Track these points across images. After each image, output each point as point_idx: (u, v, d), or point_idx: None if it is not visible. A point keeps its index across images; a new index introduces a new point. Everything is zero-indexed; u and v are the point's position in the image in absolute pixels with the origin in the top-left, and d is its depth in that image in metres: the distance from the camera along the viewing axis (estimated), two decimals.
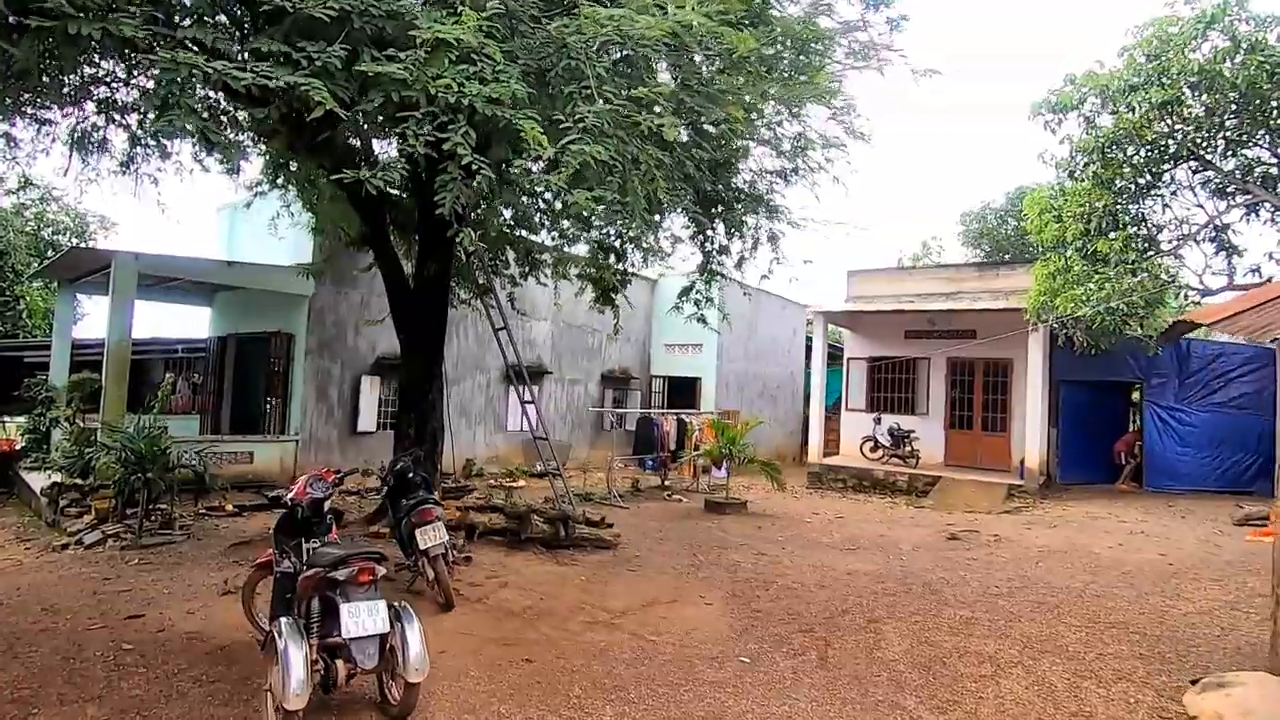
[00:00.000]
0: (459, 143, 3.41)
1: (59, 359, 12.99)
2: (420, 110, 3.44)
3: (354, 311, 12.80)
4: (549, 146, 3.43)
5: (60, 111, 8.93)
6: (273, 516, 10.60)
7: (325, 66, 3.36)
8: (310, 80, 3.24)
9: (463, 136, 3.43)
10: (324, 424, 12.45)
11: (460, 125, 3.45)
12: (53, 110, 8.88)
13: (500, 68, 3.61)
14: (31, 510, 10.66)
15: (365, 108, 3.50)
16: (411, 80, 3.34)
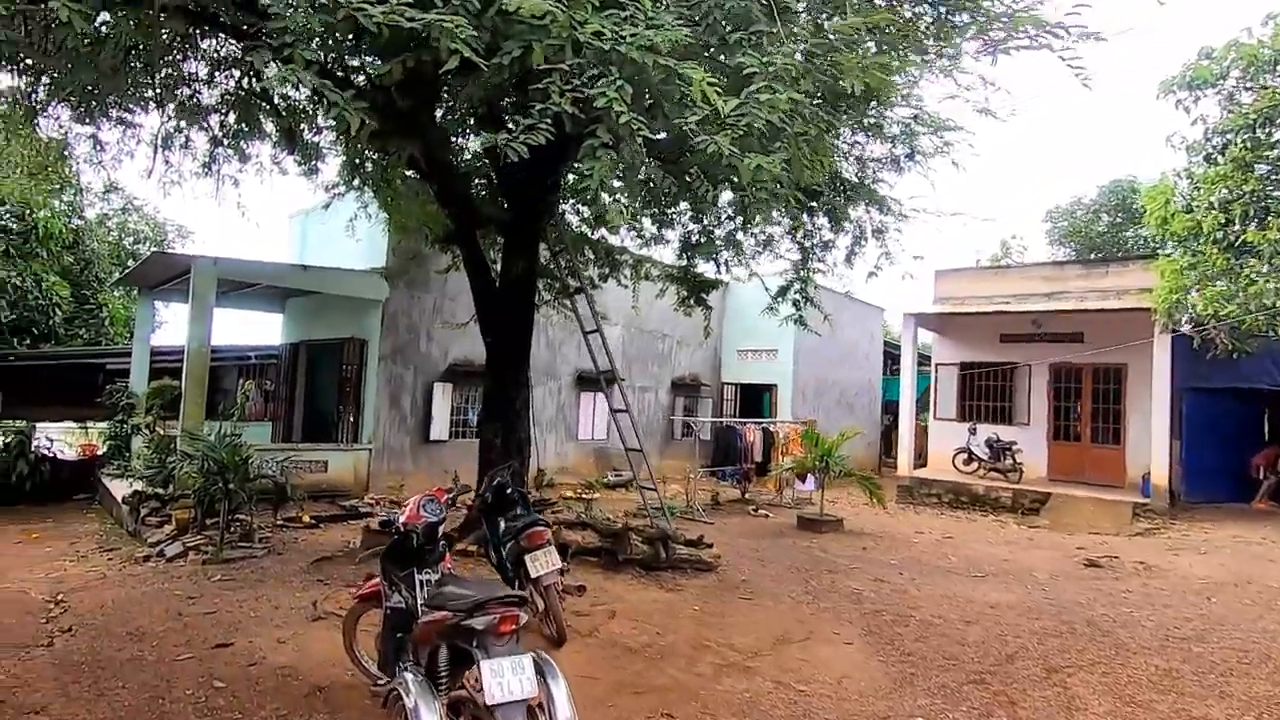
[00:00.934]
0: (614, 98, 2.81)
1: (139, 366, 13.05)
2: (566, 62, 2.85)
3: (426, 316, 12.47)
4: (723, 100, 2.79)
5: (145, 113, 8.85)
6: (347, 528, 10.30)
7: (464, 4, 2.80)
8: (452, 17, 2.68)
9: (617, 91, 2.82)
10: (396, 432, 12.12)
11: (613, 78, 2.85)
12: (137, 113, 8.80)
13: (653, 15, 3.00)
14: (113, 518, 10.60)
15: (502, 60, 2.92)
16: (557, 26, 2.76)
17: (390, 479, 11.93)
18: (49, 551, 8.67)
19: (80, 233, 14.63)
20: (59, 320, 13.36)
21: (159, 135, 8.46)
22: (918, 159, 7.97)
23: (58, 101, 8.07)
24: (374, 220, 10.42)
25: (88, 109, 8.28)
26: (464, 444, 13.05)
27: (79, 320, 14.70)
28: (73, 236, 14.06)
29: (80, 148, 8.55)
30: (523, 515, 5.58)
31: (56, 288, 12.71)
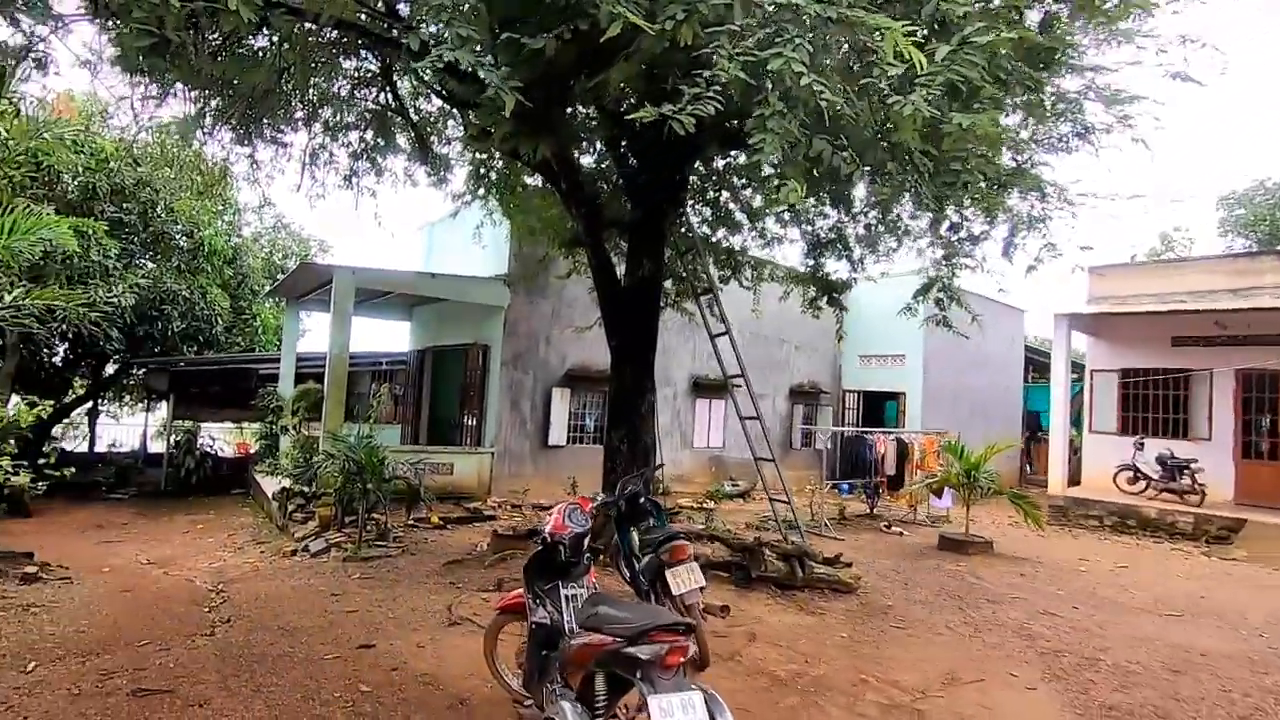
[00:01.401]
0: (791, 58, 2.45)
1: (286, 371, 14.02)
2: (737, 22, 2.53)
3: (545, 322, 12.57)
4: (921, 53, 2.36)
5: (294, 133, 9.45)
6: (473, 530, 10.49)
7: None
8: None
9: (795, 51, 2.46)
10: (516, 436, 12.27)
11: (790, 36, 2.49)
12: (287, 133, 9.40)
13: None
14: (264, 512, 11.37)
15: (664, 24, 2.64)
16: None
17: (511, 482, 12.09)
18: (211, 543, 9.36)
19: (238, 249, 15.99)
20: (220, 329, 14.62)
21: (307, 152, 8.96)
22: (1090, 136, 7.02)
23: (221, 124, 8.74)
24: (498, 224, 10.59)
25: (246, 131, 8.91)
26: (581, 449, 13.05)
27: (236, 329, 16.06)
28: (232, 252, 15.38)
29: (239, 167, 9.26)
30: (657, 526, 5.29)
31: (218, 299, 13.92)
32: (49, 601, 5.37)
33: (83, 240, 11.20)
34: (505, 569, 6.97)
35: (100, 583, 6.48)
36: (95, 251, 11.39)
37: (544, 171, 7.62)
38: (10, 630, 4.60)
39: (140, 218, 12.63)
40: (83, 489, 13.74)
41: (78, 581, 6.32)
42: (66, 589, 5.93)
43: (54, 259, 10.96)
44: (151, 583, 6.76)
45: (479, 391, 12.44)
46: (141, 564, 7.97)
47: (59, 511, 11.56)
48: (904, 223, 8.70)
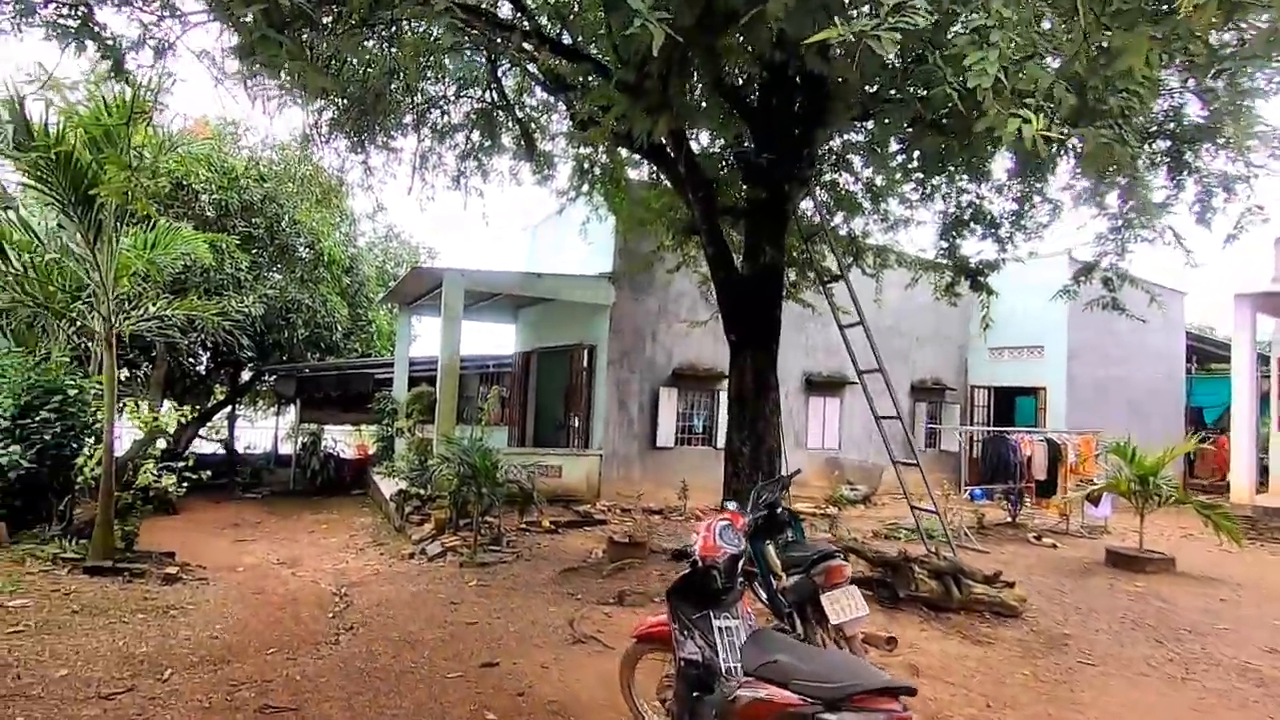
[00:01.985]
0: None
1: (400, 375, 14.39)
2: None
3: (651, 320, 12.18)
4: None
5: (403, 138, 9.55)
6: (584, 535, 10.22)
7: None
8: None
9: None
10: (624, 438, 11.94)
11: None
12: (397, 138, 9.51)
13: None
14: (382, 513, 11.63)
15: None
16: None
17: (619, 485, 11.77)
18: (334, 543, 9.59)
19: (354, 259, 16.67)
20: (339, 336, 15.27)
21: (416, 155, 8.99)
22: None
23: (337, 134, 8.91)
24: (604, 219, 10.28)
25: (359, 138, 9.05)
26: (689, 451, 12.56)
27: (354, 335, 16.75)
28: (349, 261, 16.03)
29: (353, 175, 9.46)
30: (796, 541, 4.71)
31: (338, 307, 14.51)
32: (186, 603, 5.45)
33: (217, 254, 11.88)
34: (624, 580, 6.57)
35: (233, 583, 6.62)
36: (228, 264, 12.05)
37: (655, 157, 7.19)
38: (151, 634, 4.64)
39: (267, 231, 13.31)
40: (222, 488, 14.69)
41: (213, 582, 6.47)
42: (203, 590, 6.06)
43: (193, 272, 11.68)
44: (280, 584, 6.85)
45: (585, 392, 12.22)
46: (272, 564, 8.19)
47: (201, 509, 12.30)
48: (1061, 192, 7.63)
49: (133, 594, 5.49)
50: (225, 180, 12.62)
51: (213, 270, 11.75)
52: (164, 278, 10.28)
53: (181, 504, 12.27)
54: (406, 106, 8.92)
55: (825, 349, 14.26)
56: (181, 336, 10.60)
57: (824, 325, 13.77)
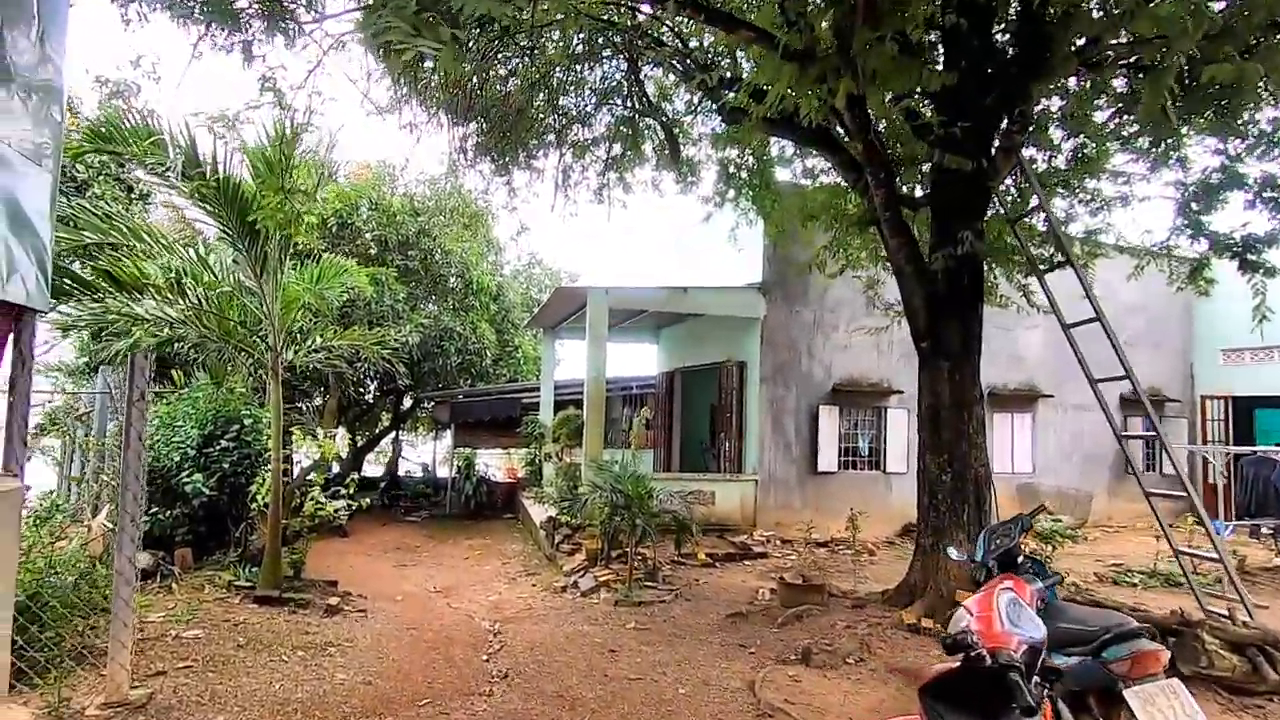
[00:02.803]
0: None
1: (546, 399, 14.36)
2: None
3: (806, 332, 11.15)
4: None
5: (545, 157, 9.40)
6: (744, 570, 9.32)
7: None
8: None
9: None
10: (781, 461, 10.94)
11: None
12: (539, 157, 9.37)
13: None
14: (533, 539, 11.44)
15: None
16: None
17: (777, 513, 10.78)
18: (487, 570, 9.41)
19: (501, 286, 17.07)
20: (489, 362, 15.60)
21: (558, 170, 8.76)
22: None
23: (482, 156, 8.90)
24: (753, 224, 9.50)
25: (503, 160, 8.99)
26: (855, 477, 11.31)
27: (502, 361, 17.10)
28: (496, 289, 16.41)
29: (497, 197, 9.45)
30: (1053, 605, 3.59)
31: (486, 333, 14.81)
32: (344, 640, 5.25)
33: (378, 287, 12.45)
34: (803, 630, 5.63)
35: (391, 615, 6.45)
36: (388, 296, 12.58)
37: (819, 142, 6.32)
38: (308, 677, 4.40)
39: (421, 264, 13.85)
40: (386, 510, 15.37)
41: (372, 614, 6.32)
42: (361, 624, 5.89)
43: (357, 306, 12.28)
44: (435, 617, 6.60)
45: (735, 412, 11.38)
46: (429, 592, 8.07)
47: (368, 532, 12.79)
48: None
49: (295, 627, 5.38)
50: (385, 218, 13.28)
51: (373, 302, 12.29)
52: (332, 311, 10.85)
53: (352, 525, 12.87)
54: (548, 124, 8.77)
55: (1009, 358, 12.45)
56: (348, 367, 11.07)
57: (1006, 330, 12.01)
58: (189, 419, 7.21)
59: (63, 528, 5.70)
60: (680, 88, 8.55)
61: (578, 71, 8.50)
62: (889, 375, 11.51)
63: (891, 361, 11.53)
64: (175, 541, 6.66)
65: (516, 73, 7.54)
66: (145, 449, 3.89)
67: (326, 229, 12.36)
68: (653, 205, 10.80)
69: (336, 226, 12.52)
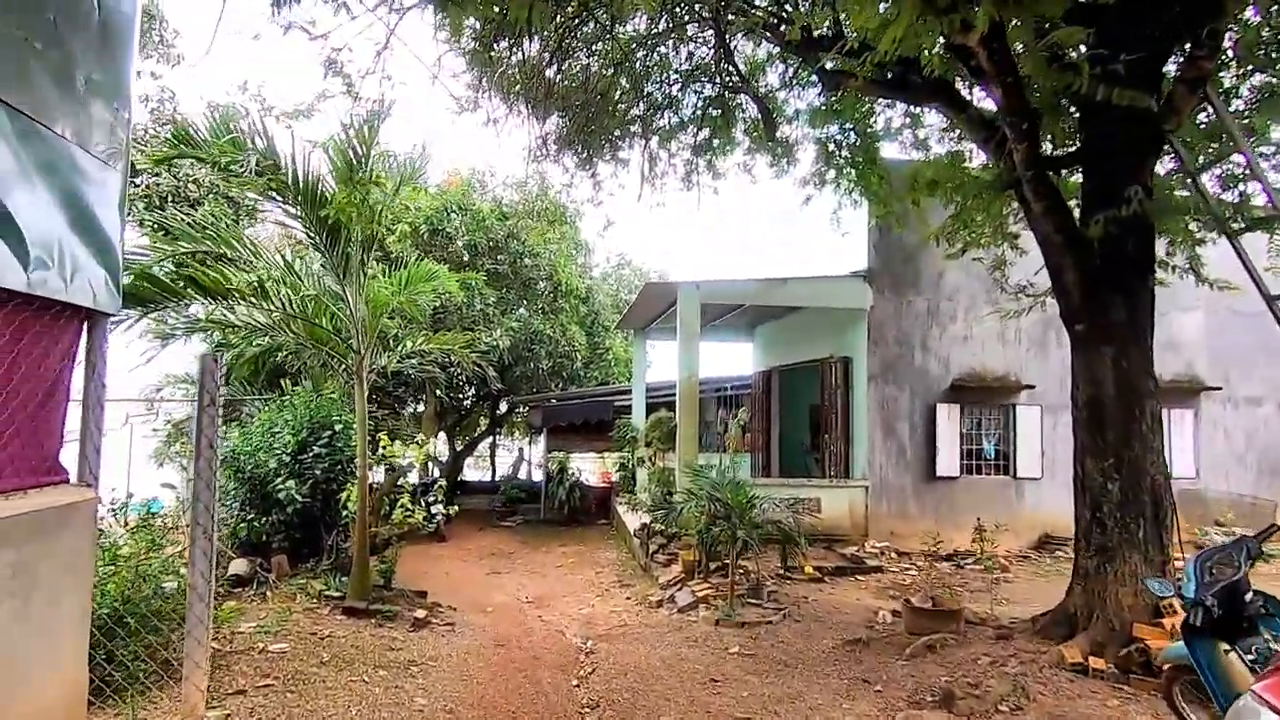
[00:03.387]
0: None
1: (638, 401, 13.94)
2: None
3: (919, 323, 10.12)
4: None
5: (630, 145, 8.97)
6: (857, 586, 8.43)
7: None
8: None
9: None
10: (894, 465, 9.96)
11: None
12: (623, 147, 8.95)
13: None
14: (626, 548, 11.01)
15: None
16: None
17: (891, 522, 9.81)
18: (579, 580, 9.05)
19: (590, 289, 16.85)
20: (579, 365, 15.38)
21: (644, 157, 8.29)
22: None
23: (565, 150, 8.57)
24: (858, 205, 8.66)
25: (587, 152, 8.63)
26: (979, 482, 10.15)
27: (593, 364, 16.86)
28: (585, 291, 16.19)
29: (581, 191, 9.12)
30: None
31: (576, 335, 14.58)
32: (428, 659, 4.96)
33: (468, 292, 12.45)
34: (939, 665, 4.82)
35: (479, 629, 6.15)
36: (478, 301, 12.56)
37: (940, 97, 5.50)
38: (385, 700, 4.10)
39: (510, 268, 13.79)
40: (483, 514, 15.44)
41: (459, 628, 6.04)
42: (448, 639, 5.61)
43: (449, 311, 12.33)
44: (524, 633, 6.25)
45: (841, 413, 10.50)
46: (520, 602, 7.78)
47: (465, 536, 12.80)
48: None
49: (380, 642, 5.15)
50: (474, 222, 13.31)
51: (464, 308, 12.29)
52: (424, 317, 10.89)
53: (450, 530, 12.93)
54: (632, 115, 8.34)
55: (1162, 345, 10.80)
56: (440, 372, 11.06)
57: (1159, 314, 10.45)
58: (286, 426, 7.24)
59: (164, 535, 5.76)
60: (773, 63, 7.88)
61: (661, 51, 8.03)
62: (1017, 368, 10.27)
63: (1020, 353, 10.28)
64: (272, 548, 6.66)
65: (596, 53, 7.13)
66: (217, 456, 3.69)
67: (418, 236, 12.50)
68: (744, 198, 10.20)
69: (428, 234, 12.64)
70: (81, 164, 3.19)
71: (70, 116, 3.02)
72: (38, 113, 2.78)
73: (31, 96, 2.73)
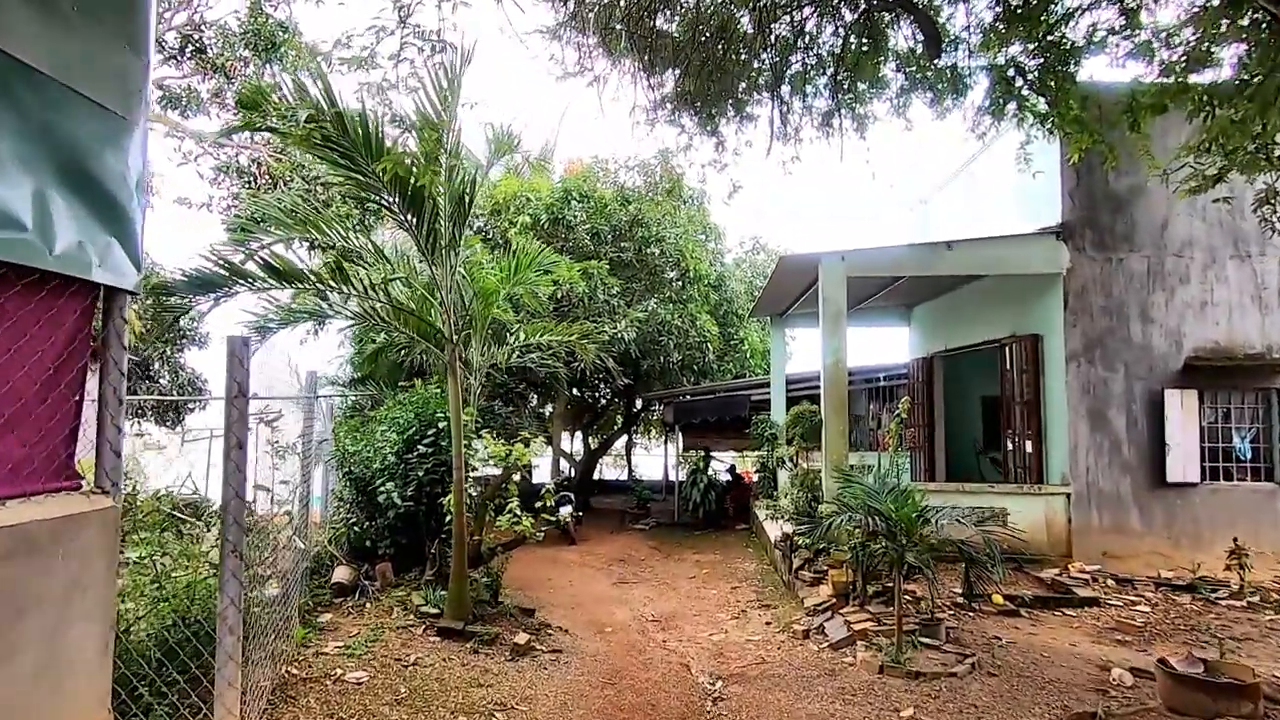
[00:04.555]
0: None
1: (777, 395, 12.61)
2: None
3: (1135, 287, 7.99)
4: None
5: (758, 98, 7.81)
6: (1067, 623, 6.54)
7: None
8: None
9: None
10: (1104, 468, 7.91)
11: None
12: (750, 101, 7.80)
13: None
14: (767, 558, 9.79)
15: None
16: None
17: (1104, 539, 7.79)
18: (714, 596, 7.98)
19: (722, 276, 15.69)
20: (712, 357, 14.27)
21: (774, 104, 7.06)
22: None
23: (682, 109, 7.56)
24: (1050, 139, 6.85)
25: (707, 110, 7.57)
26: (1229, 492, 7.83)
27: (727, 356, 15.68)
28: (717, 278, 15.07)
29: (703, 151, 8.04)
30: None
31: (708, 325, 13.49)
32: (521, 700, 4.14)
33: (590, 282, 11.78)
34: None
35: (590, 659, 5.28)
36: (600, 291, 11.86)
37: None
38: None
39: (636, 256, 13.00)
40: (617, 514, 14.80)
41: (568, 654, 5.21)
42: (550, 672, 4.78)
43: (570, 301, 11.74)
44: (643, 667, 5.29)
45: (1029, 403, 8.58)
46: (644, 621, 6.86)
47: (597, 539, 12.18)
48: None
49: (470, 674, 4.41)
50: (596, 209, 12.67)
51: (585, 298, 11.64)
52: (544, 307, 10.33)
53: (582, 532, 12.39)
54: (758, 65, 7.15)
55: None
56: (563, 367, 10.46)
57: None
58: (394, 424, 6.85)
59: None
60: None
61: None
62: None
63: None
64: (378, 555, 6.24)
65: None
66: (245, 457, 3.07)
67: (539, 228, 12.03)
68: (904, 125, 8.51)
69: (549, 223, 12.14)
70: (83, 112, 2.62)
71: (72, 57, 2.44)
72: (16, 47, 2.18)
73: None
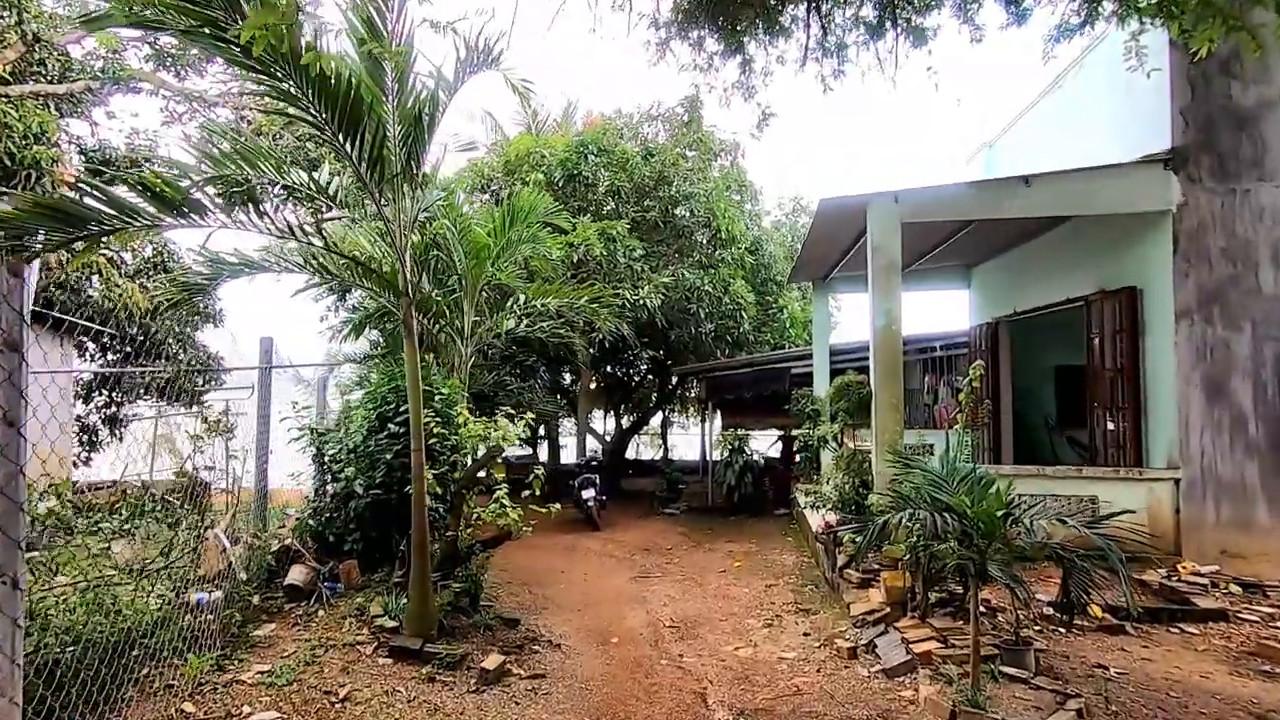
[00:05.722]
0: None
1: (820, 368, 11.36)
2: None
3: (1269, 227, 6.48)
4: None
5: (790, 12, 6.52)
6: (1187, 644, 4.79)
7: None
8: None
9: None
10: (1225, 449, 6.49)
11: None
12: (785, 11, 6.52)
13: None
14: (808, 549, 8.65)
15: None
16: None
17: (1224, 535, 6.40)
18: (745, 595, 6.88)
19: (758, 240, 14.36)
20: (748, 327, 13.04)
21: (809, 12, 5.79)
22: None
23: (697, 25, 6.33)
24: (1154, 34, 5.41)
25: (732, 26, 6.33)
26: None
27: (764, 326, 14.42)
28: (752, 240, 13.76)
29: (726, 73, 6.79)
30: None
31: (742, 291, 12.24)
32: None
33: (609, 244, 10.69)
34: None
35: (579, 687, 4.27)
36: (621, 254, 10.76)
37: None
38: None
39: (661, 216, 11.83)
40: (648, 497, 13.80)
41: (552, 680, 4.22)
42: (526, 703, 3.80)
43: (587, 265, 10.67)
44: (647, 694, 4.26)
45: (1123, 372, 7.17)
46: (660, 629, 5.82)
47: (624, 526, 11.23)
48: None
49: (415, 713, 3.45)
50: (617, 165, 11.52)
51: (603, 261, 10.55)
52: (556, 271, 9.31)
53: (609, 516, 11.45)
54: None
55: None
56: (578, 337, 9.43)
57: None
58: (370, 399, 5.93)
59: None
60: None
61: None
62: None
63: None
64: (344, 551, 5.36)
65: None
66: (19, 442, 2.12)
67: (554, 187, 10.96)
68: (974, 36, 7.07)
69: (564, 181, 11.06)
70: None
71: None
72: None
73: None
